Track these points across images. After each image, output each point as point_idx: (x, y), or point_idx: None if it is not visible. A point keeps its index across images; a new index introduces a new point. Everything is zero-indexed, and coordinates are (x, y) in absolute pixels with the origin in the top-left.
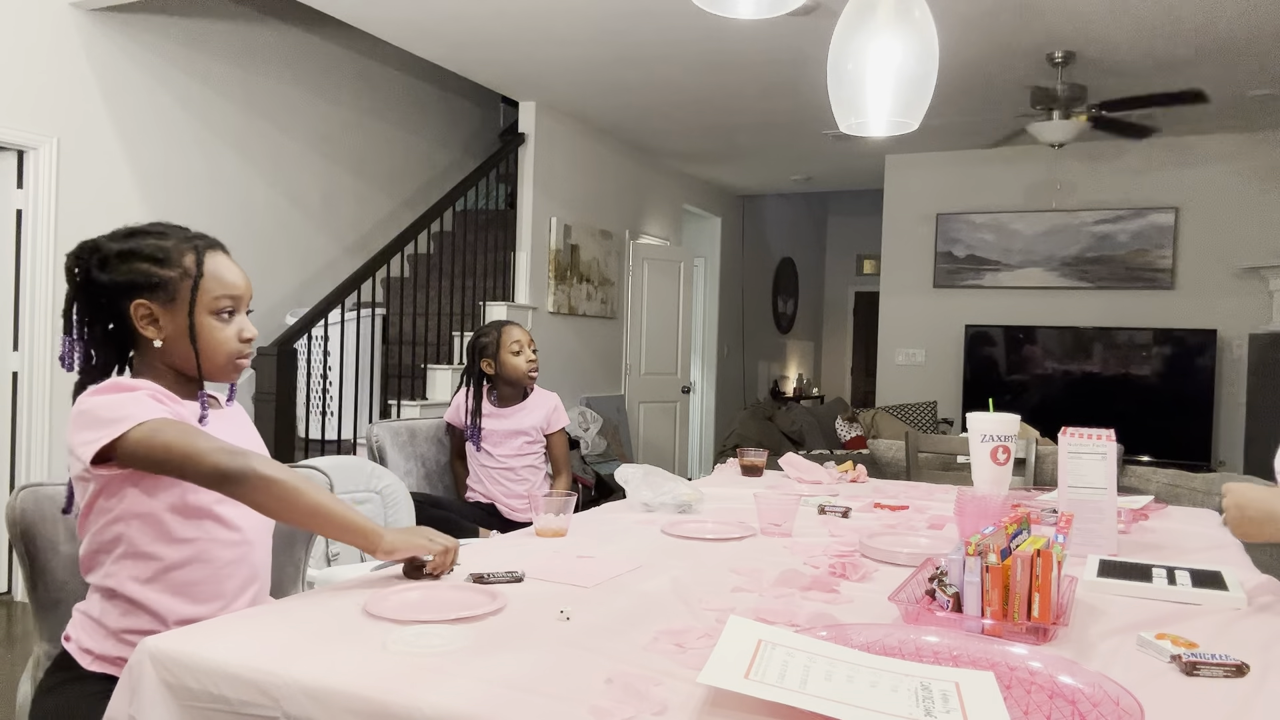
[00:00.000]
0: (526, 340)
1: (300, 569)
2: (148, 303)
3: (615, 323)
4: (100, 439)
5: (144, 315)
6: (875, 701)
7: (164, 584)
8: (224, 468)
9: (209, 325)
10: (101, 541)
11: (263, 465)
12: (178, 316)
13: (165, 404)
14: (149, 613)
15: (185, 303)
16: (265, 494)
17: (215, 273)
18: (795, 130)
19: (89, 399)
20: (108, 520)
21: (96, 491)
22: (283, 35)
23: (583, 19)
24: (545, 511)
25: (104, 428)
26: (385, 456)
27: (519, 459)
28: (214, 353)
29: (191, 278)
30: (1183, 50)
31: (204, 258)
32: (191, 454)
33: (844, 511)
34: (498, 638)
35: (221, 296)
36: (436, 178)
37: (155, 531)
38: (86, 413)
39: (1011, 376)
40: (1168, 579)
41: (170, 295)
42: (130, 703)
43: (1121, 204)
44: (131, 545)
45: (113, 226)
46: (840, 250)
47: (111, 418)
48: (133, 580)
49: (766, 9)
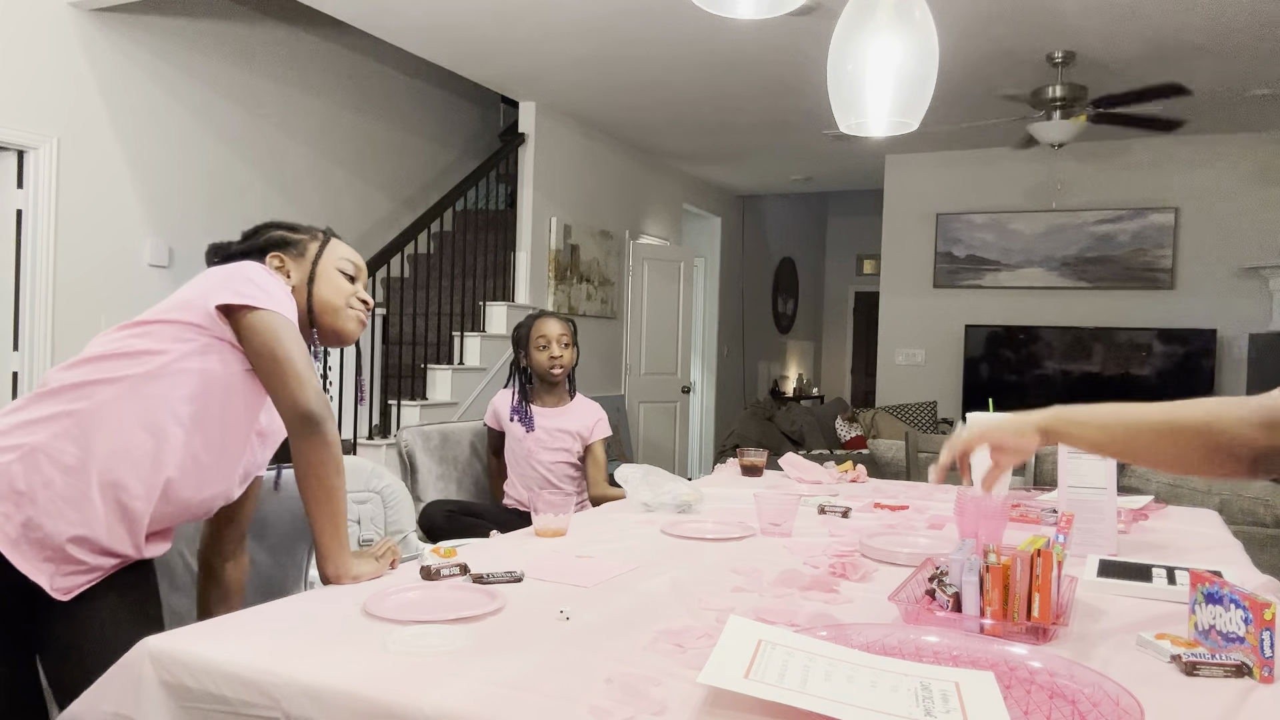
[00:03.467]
0: (555, 335)
1: (301, 569)
2: (281, 255)
3: (615, 323)
4: (246, 297)
5: (277, 266)
6: (875, 701)
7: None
8: (310, 401)
9: (332, 274)
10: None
11: (334, 429)
12: (304, 267)
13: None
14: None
15: (312, 256)
16: (318, 450)
17: (342, 245)
18: (795, 130)
19: (243, 267)
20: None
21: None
22: (283, 35)
23: (583, 19)
24: (544, 511)
25: (252, 292)
26: (415, 460)
27: (560, 463)
28: (333, 296)
29: (319, 241)
30: (1183, 50)
31: (331, 236)
32: (296, 370)
33: (844, 511)
34: (497, 638)
35: (345, 260)
36: (436, 178)
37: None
38: (237, 275)
39: (1012, 376)
40: (1168, 579)
41: (300, 251)
42: (129, 703)
43: (1121, 204)
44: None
45: (113, 226)
46: (840, 250)
47: (261, 292)
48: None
49: (766, 9)
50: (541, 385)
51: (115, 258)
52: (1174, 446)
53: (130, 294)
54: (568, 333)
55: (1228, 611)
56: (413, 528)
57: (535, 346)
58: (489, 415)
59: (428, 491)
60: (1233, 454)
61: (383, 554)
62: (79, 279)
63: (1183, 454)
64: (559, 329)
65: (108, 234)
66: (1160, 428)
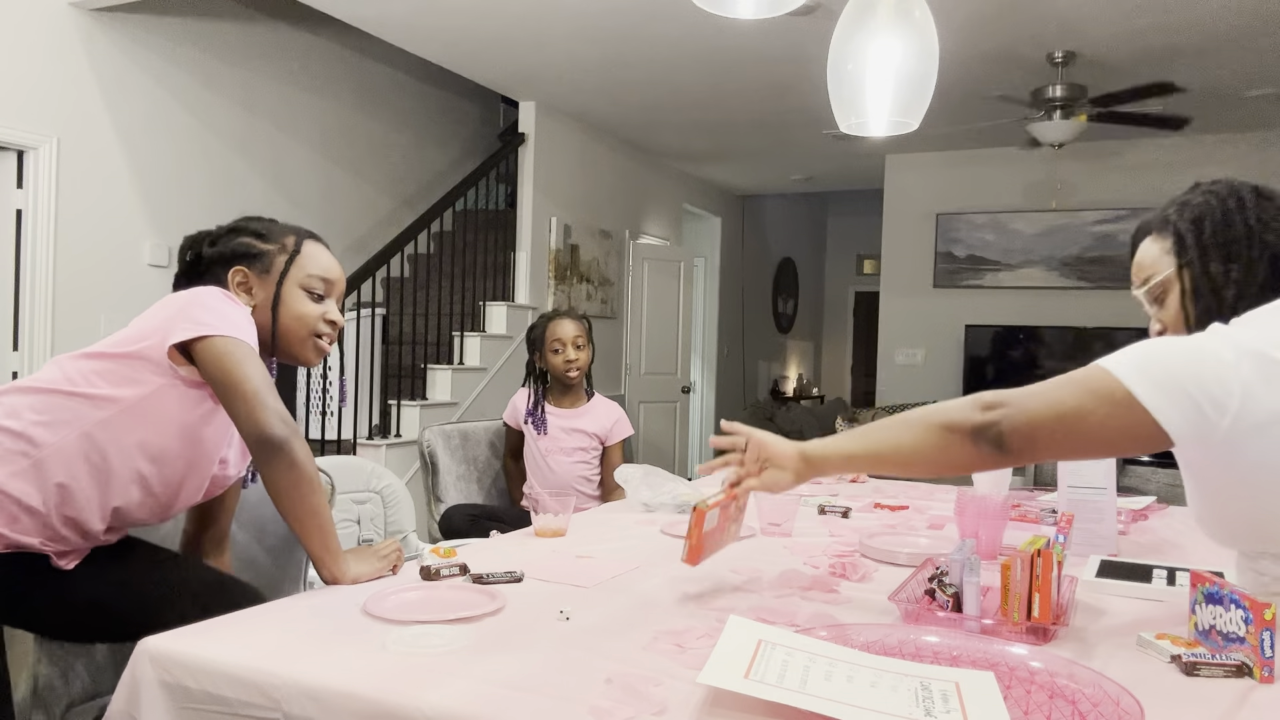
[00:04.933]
0: (570, 338)
1: (301, 569)
2: (245, 270)
3: (615, 323)
4: (203, 326)
5: (240, 283)
6: (875, 701)
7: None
8: (270, 425)
9: (296, 297)
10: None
11: (300, 447)
12: (268, 287)
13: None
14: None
15: (277, 274)
16: (285, 474)
17: (312, 254)
18: (795, 130)
19: (199, 294)
20: (101, 397)
21: (123, 371)
22: (283, 35)
23: (583, 19)
24: (544, 511)
25: (208, 319)
26: (437, 460)
27: (578, 464)
28: (296, 324)
29: (288, 254)
30: (1183, 50)
31: (303, 241)
32: (254, 393)
33: (844, 511)
34: (497, 638)
35: (313, 276)
36: (436, 178)
37: (129, 435)
38: (193, 303)
39: (1012, 376)
40: (1168, 579)
41: (265, 267)
42: (130, 702)
43: (1121, 204)
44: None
45: (112, 226)
46: (840, 250)
47: (217, 318)
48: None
49: (766, 9)
50: (558, 386)
51: (115, 258)
52: (911, 436)
53: (130, 294)
54: (582, 332)
55: (1228, 612)
56: (412, 527)
57: (550, 350)
58: (508, 413)
59: (449, 492)
60: (952, 428)
61: (387, 553)
62: (79, 279)
63: (918, 441)
64: (573, 331)
65: (107, 234)
66: (898, 420)
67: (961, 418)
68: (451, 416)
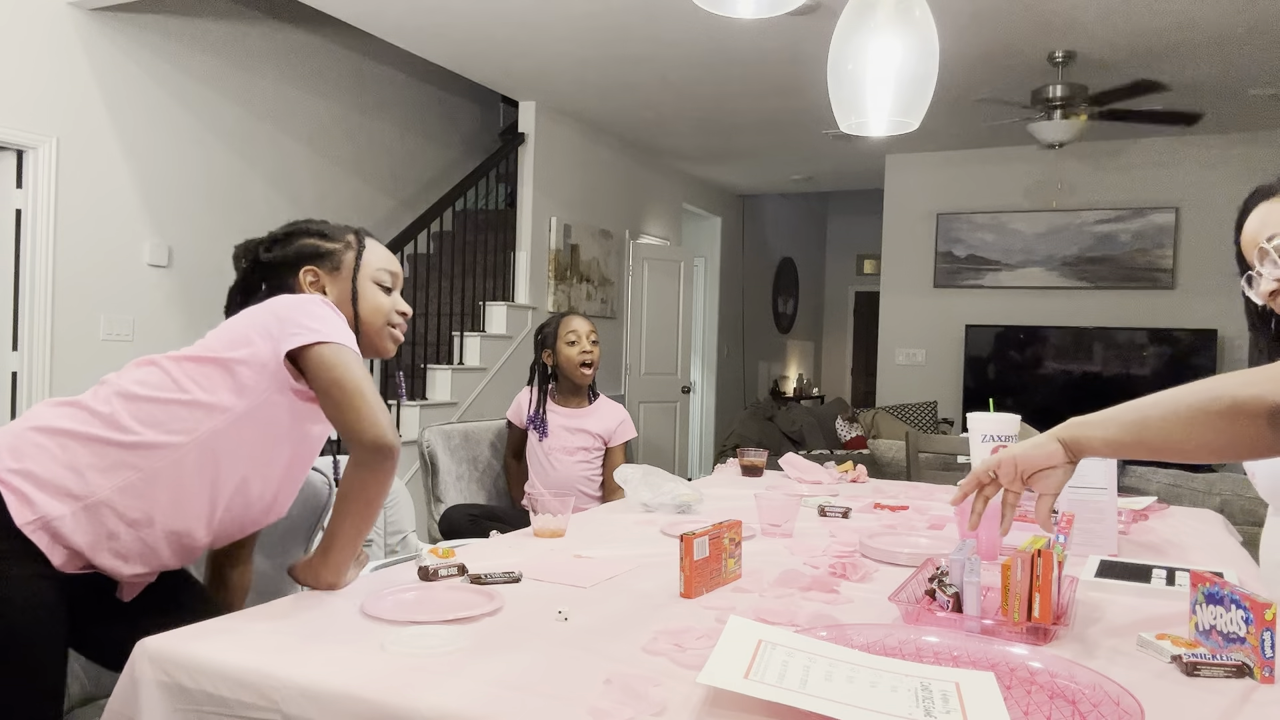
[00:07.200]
0: (585, 332)
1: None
2: (315, 269)
3: (615, 323)
4: (312, 333)
5: (311, 282)
6: (875, 701)
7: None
8: (386, 434)
9: (370, 291)
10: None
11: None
12: (342, 283)
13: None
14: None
15: (350, 270)
16: (382, 480)
17: (374, 249)
18: (795, 130)
19: (300, 302)
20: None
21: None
22: (282, 34)
23: (583, 19)
24: (544, 511)
25: (315, 326)
26: (437, 460)
27: (581, 464)
28: (374, 316)
29: (354, 250)
30: (1183, 49)
31: (364, 237)
32: (368, 402)
33: (844, 512)
34: (496, 638)
35: (382, 270)
36: (436, 178)
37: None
38: (297, 310)
39: (1012, 376)
40: (1168, 579)
41: (335, 264)
42: (129, 702)
43: (1121, 204)
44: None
45: (112, 226)
46: (840, 250)
47: (323, 325)
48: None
49: (766, 9)
50: (565, 384)
51: (115, 257)
52: (1187, 426)
53: (130, 294)
54: (594, 330)
55: (1228, 612)
56: (412, 527)
57: (565, 342)
58: (512, 410)
59: (448, 492)
60: (1246, 412)
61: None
62: (78, 279)
63: (1195, 431)
64: (587, 326)
65: (107, 234)
66: (1168, 407)
67: (1254, 395)
68: (452, 416)
